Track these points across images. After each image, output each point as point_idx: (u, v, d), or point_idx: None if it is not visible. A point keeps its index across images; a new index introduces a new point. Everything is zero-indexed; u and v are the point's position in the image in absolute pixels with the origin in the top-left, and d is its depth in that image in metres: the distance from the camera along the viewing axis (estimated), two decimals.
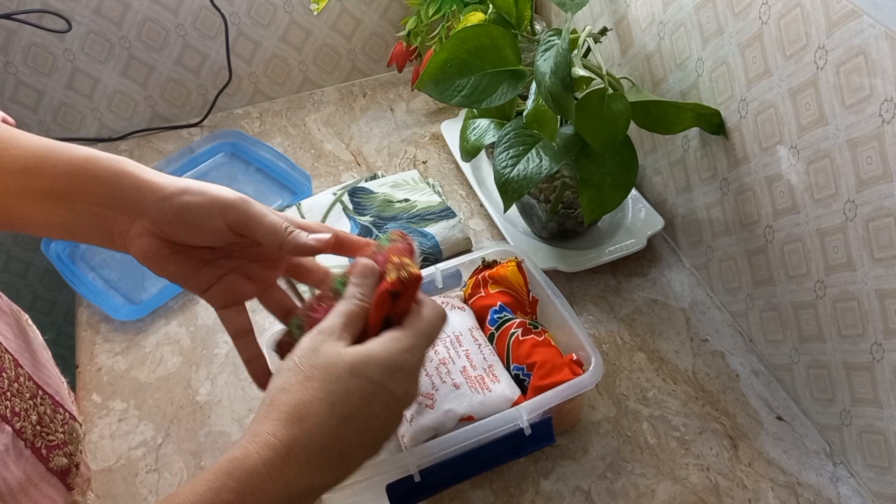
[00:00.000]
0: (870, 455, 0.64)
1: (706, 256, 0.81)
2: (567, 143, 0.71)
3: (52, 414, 0.53)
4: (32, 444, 0.49)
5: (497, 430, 0.61)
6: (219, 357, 0.79)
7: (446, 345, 0.68)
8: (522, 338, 0.68)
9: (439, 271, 0.74)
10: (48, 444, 0.50)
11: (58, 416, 0.53)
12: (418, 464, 0.59)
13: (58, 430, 0.52)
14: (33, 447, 0.49)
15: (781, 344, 0.72)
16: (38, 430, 0.50)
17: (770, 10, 0.62)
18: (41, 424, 0.50)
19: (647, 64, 0.82)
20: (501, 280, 0.72)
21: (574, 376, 0.64)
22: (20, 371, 0.50)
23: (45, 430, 0.51)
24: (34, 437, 0.49)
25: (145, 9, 0.98)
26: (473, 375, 0.66)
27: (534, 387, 0.65)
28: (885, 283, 0.57)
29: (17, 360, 0.50)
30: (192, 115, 1.08)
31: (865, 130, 0.55)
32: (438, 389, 0.64)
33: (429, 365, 0.67)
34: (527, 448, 0.63)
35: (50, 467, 0.51)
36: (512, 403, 0.64)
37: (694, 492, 0.66)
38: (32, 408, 0.50)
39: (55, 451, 0.51)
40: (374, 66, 1.14)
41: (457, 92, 0.72)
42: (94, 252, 0.89)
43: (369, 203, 0.91)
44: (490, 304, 0.71)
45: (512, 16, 0.76)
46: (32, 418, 0.50)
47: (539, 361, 0.66)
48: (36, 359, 0.55)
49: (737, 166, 0.72)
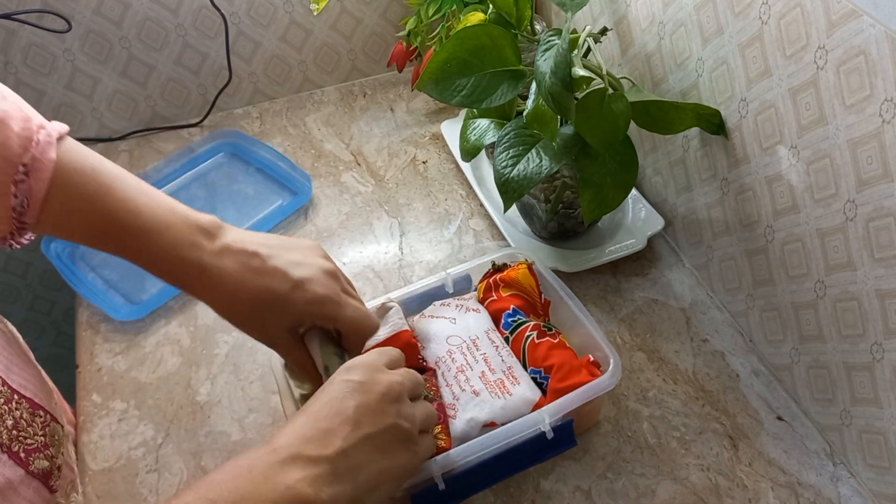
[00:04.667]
0: (870, 455, 0.64)
1: (706, 256, 0.81)
2: (567, 143, 0.71)
3: (31, 417, 0.52)
4: (10, 449, 0.48)
5: (520, 434, 0.60)
6: (219, 357, 0.79)
7: (463, 351, 0.68)
8: (538, 340, 0.67)
9: (450, 276, 0.74)
10: (26, 448, 0.50)
11: (37, 419, 0.53)
12: (442, 471, 0.58)
13: (37, 433, 0.52)
14: (10, 451, 0.48)
15: (782, 344, 0.72)
16: (14, 435, 0.49)
17: (770, 10, 0.62)
18: (17, 428, 0.50)
19: (647, 64, 0.82)
20: (513, 283, 0.72)
21: (593, 378, 0.64)
22: None
23: (21, 433, 0.50)
24: (10, 442, 0.49)
25: (145, 9, 0.98)
26: (493, 380, 0.65)
27: (553, 389, 0.64)
28: (885, 283, 0.57)
29: None
30: (192, 115, 1.08)
31: (865, 130, 0.55)
32: (459, 399, 0.64)
33: (448, 374, 0.66)
34: (549, 452, 0.63)
35: (30, 471, 0.50)
36: (533, 406, 0.63)
37: (694, 492, 0.66)
38: (7, 412, 0.50)
39: (35, 455, 0.51)
40: (374, 66, 1.14)
41: (457, 92, 0.72)
42: (94, 252, 0.89)
43: None
44: (503, 308, 0.71)
45: (512, 16, 0.76)
46: (8, 423, 0.49)
47: (557, 364, 0.65)
48: (11, 361, 0.54)
49: (737, 166, 0.72)
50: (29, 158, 0.51)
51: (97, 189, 0.53)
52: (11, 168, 0.51)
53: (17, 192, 0.51)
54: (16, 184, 0.51)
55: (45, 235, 0.88)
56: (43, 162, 0.51)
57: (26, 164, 0.51)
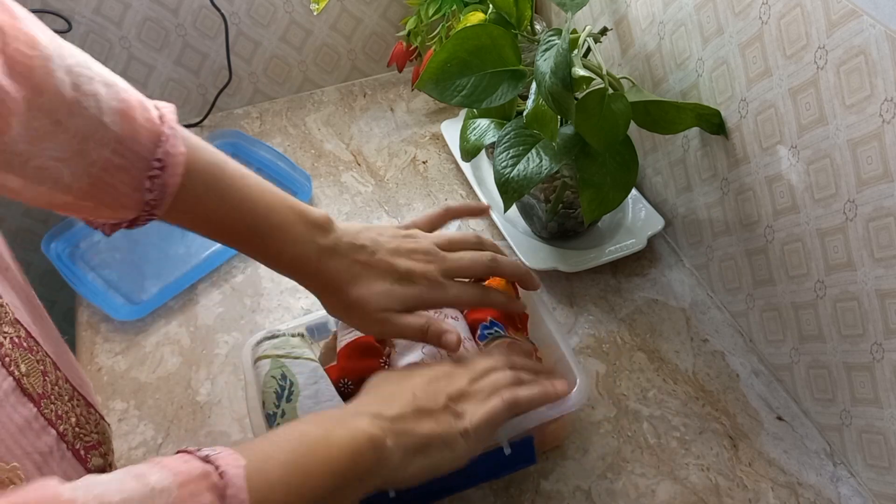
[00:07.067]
0: (870, 455, 0.64)
1: (706, 256, 0.81)
2: (567, 143, 0.71)
3: (87, 415, 0.53)
4: (73, 447, 0.49)
5: None
6: (219, 357, 0.79)
7: (437, 359, 0.66)
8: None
9: None
10: (86, 445, 0.50)
11: (91, 416, 0.53)
12: None
13: (92, 430, 0.52)
14: (73, 449, 0.49)
15: (781, 344, 0.72)
16: (77, 432, 0.50)
17: (770, 9, 0.62)
18: (79, 426, 0.51)
19: (647, 64, 0.82)
20: None
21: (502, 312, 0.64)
22: (59, 374, 0.50)
23: (82, 431, 0.51)
24: (74, 440, 0.49)
25: (145, 9, 0.98)
26: None
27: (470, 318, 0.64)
28: (885, 283, 0.57)
29: (56, 362, 0.50)
30: (192, 115, 1.08)
31: (866, 130, 0.55)
32: None
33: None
34: (506, 468, 0.62)
35: (88, 468, 0.50)
36: None
37: (694, 492, 0.66)
38: (71, 409, 0.50)
39: (92, 452, 0.51)
40: (374, 66, 1.14)
41: (457, 92, 0.72)
42: (94, 252, 0.89)
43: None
44: (481, 319, 0.68)
45: (512, 16, 0.76)
46: (72, 420, 0.50)
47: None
48: (69, 360, 0.55)
49: (737, 166, 0.72)
50: (162, 153, 0.51)
51: (226, 186, 0.55)
52: (143, 163, 0.51)
53: (152, 186, 0.52)
54: (150, 179, 0.52)
55: (46, 235, 0.89)
56: (175, 157, 0.52)
57: (161, 160, 0.51)
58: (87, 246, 0.90)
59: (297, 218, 0.58)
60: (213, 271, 0.87)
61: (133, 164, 0.51)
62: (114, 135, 0.50)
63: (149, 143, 0.51)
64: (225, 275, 0.87)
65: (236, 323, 0.82)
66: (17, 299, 0.49)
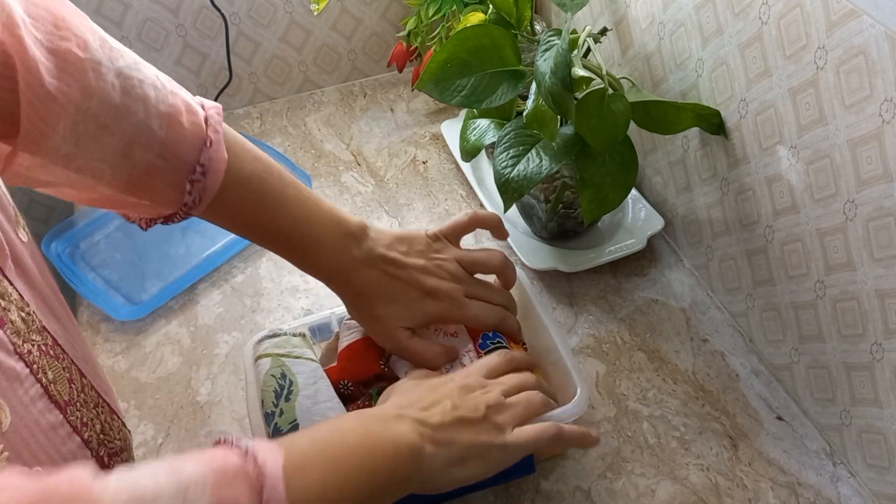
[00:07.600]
0: (870, 455, 0.64)
1: (706, 256, 0.81)
2: (567, 143, 0.71)
3: (111, 422, 0.52)
4: (97, 454, 0.49)
5: None
6: (219, 357, 0.79)
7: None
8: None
9: None
10: (109, 452, 0.50)
11: (115, 423, 0.53)
12: None
13: (115, 437, 0.52)
14: (97, 456, 0.49)
15: (781, 344, 0.72)
16: (101, 439, 0.50)
17: (770, 10, 0.62)
18: (104, 433, 0.50)
19: (647, 64, 0.82)
20: None
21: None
22: (85, 381, 0.50)
23: (106, 437, 0.51)
24: (98, 447, 0.49)
25: (145, 9, 0.98)
26: None
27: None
28: (885, 282, 0.57)
29: (82, 370, 0.50)
30: None
31: (865, 130, 0.55)
32: None
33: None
34: (504, 477, 0.61)
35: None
36: None
37: (694, 492, 0.66)
38: (96, 416, 0.50)
39: (115, 459, 0.51)
40: (374, 66, 1.14)
41: (457, 92, 0.72)
42: (94, 252, 0.89)
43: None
44: (482, 329, 0.67)
45: (512, 16, 0.76)
46: (97, 427, 0.50)
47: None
48: (95, 365, 0.55)
49: (737, 166, 0.72)
50: (205, 159, 0.52)
51: (265, 195, 0.56)
52: (186, 168, 0.52)
53: (192, 189, 0.52)
54: (192, 182, 0.52)
55: (46, 235, 0.89)
56: (218, 162, 0.52)
57: (203, 165, 0.52)
58: (88, 246, 0.90)
59: (335, 228, 0.59)
60: (213, 271, 0.87)
61: (176, 168, 0.51)
62: (159, 139, 0.50)
63: (193, 148, 0.51)
64: (225, 275, 0.87)
65: (236, 323, 0.82)
66: (44, 306, 0.48)
